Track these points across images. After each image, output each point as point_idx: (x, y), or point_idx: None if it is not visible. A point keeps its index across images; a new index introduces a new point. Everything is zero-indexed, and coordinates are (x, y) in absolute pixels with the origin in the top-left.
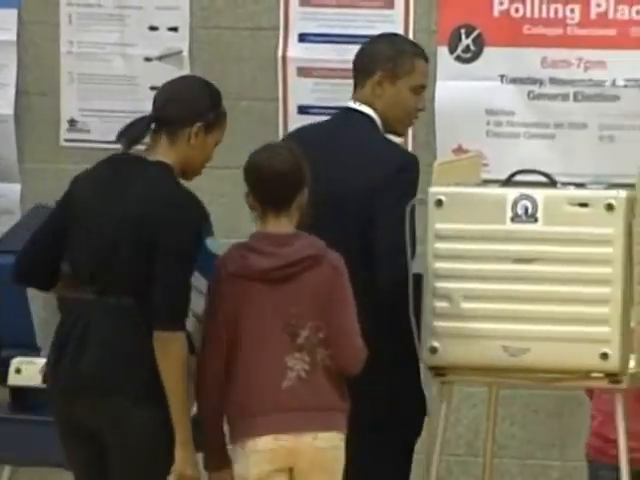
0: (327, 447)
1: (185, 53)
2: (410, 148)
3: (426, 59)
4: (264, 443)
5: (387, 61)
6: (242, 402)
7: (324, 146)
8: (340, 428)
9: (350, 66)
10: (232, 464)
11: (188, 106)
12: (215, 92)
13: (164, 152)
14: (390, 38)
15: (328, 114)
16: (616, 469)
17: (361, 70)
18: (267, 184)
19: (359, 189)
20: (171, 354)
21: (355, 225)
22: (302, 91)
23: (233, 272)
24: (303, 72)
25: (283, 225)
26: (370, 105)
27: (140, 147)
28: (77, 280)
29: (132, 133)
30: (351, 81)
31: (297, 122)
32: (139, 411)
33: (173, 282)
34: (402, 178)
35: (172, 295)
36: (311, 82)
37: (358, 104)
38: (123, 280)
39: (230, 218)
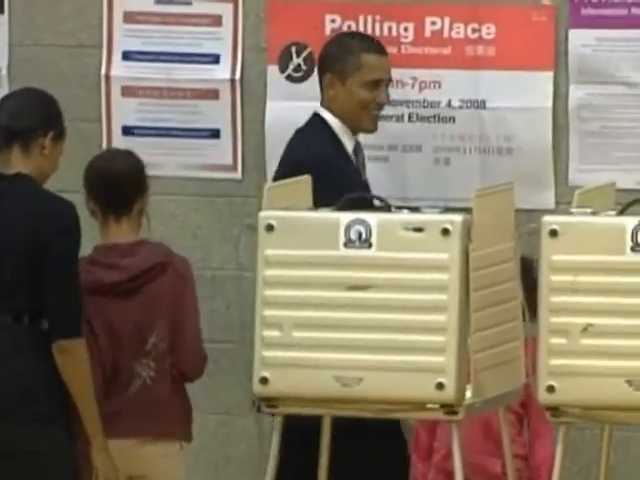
0: (160, 455)
1: (4, 71)
2: (239, 170)
3: (379, 52)
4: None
5: (335, 62)
6: (100, 404)
7: None
8: (176, 437)
9: (176, 85)
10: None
11: (40, 116)
12: (56, 101)
13: (18, 164)
14: (339, 38)
15: (152, 135)
16: None
17: (318, 74)
18: (105, 185)
19: None
20: (77, 361)
21: None
22: (126, 111)
23: (82, 287)
24: (127, 92)
25: (125, 232)
26: (328, 108)
27: None
28: None
29: None
30: (177, 101)
31: (121, 143)
32: (44, 431)
33: (69, 289)
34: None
35: (70, 302)
36: (136, 102)
37: (320, 108)
38: (11, 298)
39: None
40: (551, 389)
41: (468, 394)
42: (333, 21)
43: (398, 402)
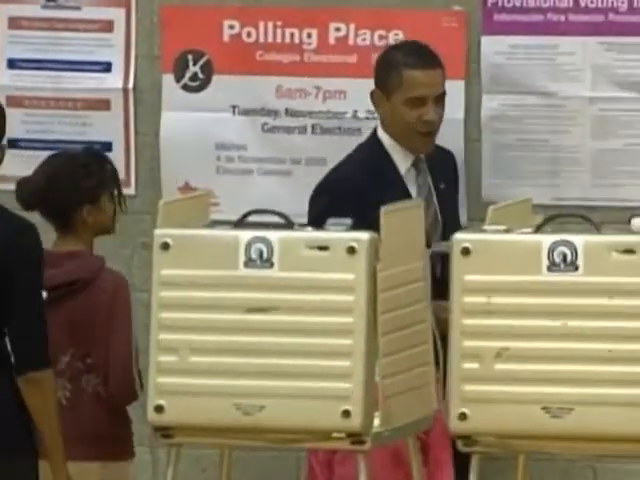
0: (83, 476)
1: None
2: (132, 185)
3: (422, 67)
4: None
5: (380, 78)
6: None
7: None
8: (104, 456)
9: (65, 95)
10: None
11: None
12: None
13: None
14: (386, 50)
15: (39, 148)
16: None
17: None
18: (37, 199)
19: None
20: (46, 392)
21: None
22: (11, 123)
23: None
24: (12, 102)
25: (68, 242)
26: (382, 124)
27: None
28: None
29: None
30: (66, 112)
31: (6, 158)
32: (9, 460)
33: (38, 317)
34: (315, 201)
35: (40, 331)
36: (21, 113)
37: (379, 124)
38: None
39: None
40: (463, 417)
41: (376, 422)
42: (232, 27)
43: (302, 431)
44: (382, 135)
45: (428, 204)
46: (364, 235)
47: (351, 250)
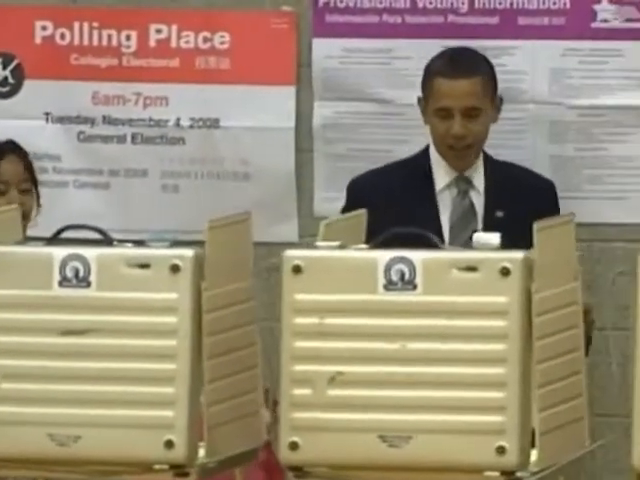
0: None
1: None
2: None
3: (450, 75)
4: None
5: (421, 84)
6: None
7: None
8: None
9: None
10: None
11: None
12: None
13: None
14: (434, 56)
15: None
16: None
17: None
18: None
19: None
20: None
21: None
22: None
23: None
24: None
25: None
26: None
27: None
28: None
29: None
30: None
31: None
32: None
33: None
34: None
35: None
36: None
37: None
38: None
39: None
40: (294, 446)
41: (201, 452)
42: (44, 28)
43: (122, 463)
44: (430, 148)
45: (464, 227)
46: (188, 252)
47: (174, 268)
